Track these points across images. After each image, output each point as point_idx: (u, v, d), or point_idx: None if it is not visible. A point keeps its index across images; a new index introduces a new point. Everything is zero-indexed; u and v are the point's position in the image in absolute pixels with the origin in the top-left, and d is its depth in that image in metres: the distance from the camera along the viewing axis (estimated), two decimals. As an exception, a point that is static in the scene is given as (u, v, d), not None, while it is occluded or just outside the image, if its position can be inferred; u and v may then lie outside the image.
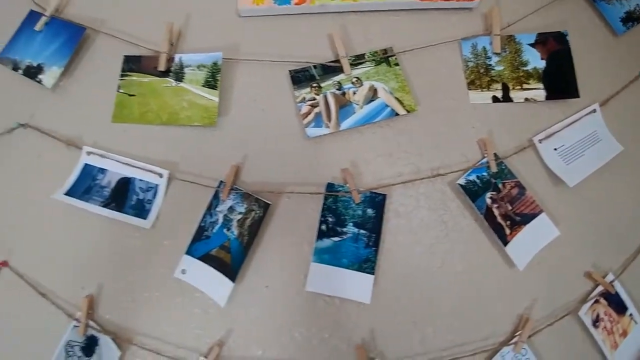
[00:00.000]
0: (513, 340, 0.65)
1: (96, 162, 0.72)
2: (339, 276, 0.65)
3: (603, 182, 0.72)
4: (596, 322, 0.69)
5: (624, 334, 0.70)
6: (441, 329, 0.65)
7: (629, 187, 0.74)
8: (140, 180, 0.71)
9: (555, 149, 0.72)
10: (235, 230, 0.67)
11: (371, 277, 0.65)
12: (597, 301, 0.69)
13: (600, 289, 0.69)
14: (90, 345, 0.67)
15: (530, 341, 0.65)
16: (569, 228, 0.69)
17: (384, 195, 0.67)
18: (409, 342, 0.65)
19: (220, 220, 0.68)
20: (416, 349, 0.65)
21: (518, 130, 0.72)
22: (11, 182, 0.72)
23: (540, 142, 0.72)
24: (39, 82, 0.72)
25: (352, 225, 0.67)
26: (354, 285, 0.65)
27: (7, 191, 0.72)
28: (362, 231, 0.67)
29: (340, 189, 0.67)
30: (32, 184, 0.72)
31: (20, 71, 0.72)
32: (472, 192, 0.68)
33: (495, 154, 0.69)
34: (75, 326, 0.66)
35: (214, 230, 0.68)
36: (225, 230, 0.67)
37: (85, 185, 0.71)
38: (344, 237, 0.66)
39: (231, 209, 0.68)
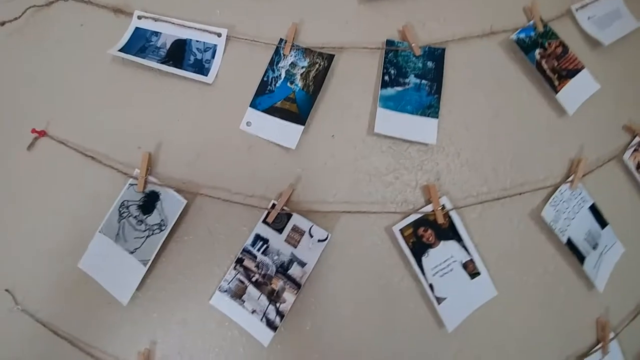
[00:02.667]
0: (570, 179, 0.68)
1: (148, 25, 0.70)
2: (405, 120, 0.66)
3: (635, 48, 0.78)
4: (638, 168, 0.74)
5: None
6: (502, 170, 0.68)
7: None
8: (197, 41, 0.70)
9: (588, 18, 0.79)
10: (299, 83, 0.67)
11: (435, 120, 0.67)
12: (636, 150, 0.74)
13: (638, 139, 0.74)
14: (149, 201, 0.64)
15: (584, 181, 0.70)
16: (608, 84, 0.74)
17: (443, 49, 0.69)
18: (473, 183, 0.67)
19: (283, 75, 0.68)
20: (480, 188, 0.67)
21: (559, 1, 0.78)
22: (52, 52, 0.70)
23: (577, 11, 0.78)
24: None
25: (414, 77, 0.69)
26: (420, 128, 0.66)
27: (49, 63, 0.69)
28: (423, 81, 0.69)
29: (400, 45, 0.70)
30: (75, 53, 0.69)
31: None
32: (524, 47, 0.71)
33: (540, 17, 0.74)
34: (131, 184, 0.64)
35: (277, 85, 0.68)
36: (288, 84, 0.68)
37: (139, 46, 0.69)
38: (407, 87, 0.68)
39: (293, 65, 0.68)
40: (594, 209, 0.69)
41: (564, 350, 0.69)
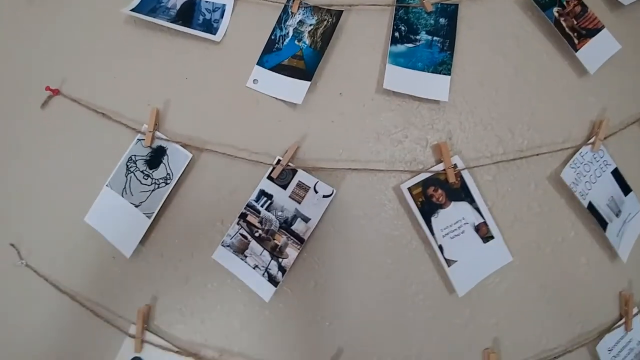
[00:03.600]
0: (591, 141, 0.64)
1: (159, -13, 0.71)
2: (415, 77, 0.64)
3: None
4: (666, 133, 0.69)
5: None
6: (518, 132, 0.65)
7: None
8: (206, 1, 0.69)
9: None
10: (307, 40, 0.66)
11: (448, 77, 0.64)
12: (665, 113, 0.70)
13: (667, 102, 0.70)
14: (156, 156, 0.64)
15: (606, 143, 0.66)
16: (628, 46, 0.70)
17: (456, 5, 0.67)
18: (487, 143, 0.64)
19: (291, 33, 0.67)
20: (494, 149, 0.64)
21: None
22: (66, 13, 0.71)
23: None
24: None
25: (425, 34, 0.67)
26: (431, 85, 0.64)
27: (62, 23, 0.71)
28: (435, 38, 0.66)
29: (411, 1, 0.68)
30: (89, 13, 0.70)
31: None
32: (541, 4, 0.68)
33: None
34: (139, 140, 0.64)
35: (285, 43, 0.67)
36: (296, 42, 0.67)
37: (151, 6, 0.69)
38: (418, 44, 0.66)
39: (301, 22, 0.67)
40: (616, 174, 0.65)
41: (585, 324, 0.64)
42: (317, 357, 0.60)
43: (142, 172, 0.64)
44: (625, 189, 0.66)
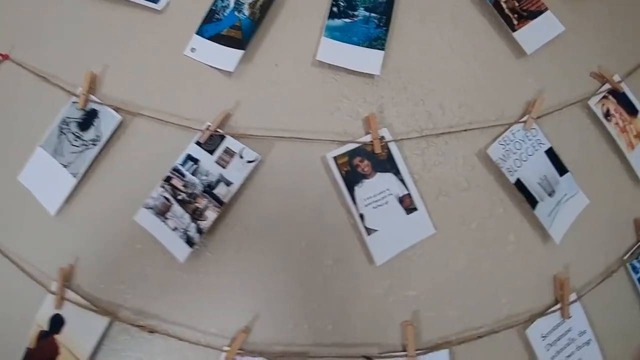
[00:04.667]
0: (523, 119, 0.64)
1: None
2: (350, 51, 0.64)
3: None
4: (607, 116, 0.68)
5: (639, 136, 0.70)
6: (449, 108, 0.65)
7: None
8: (149, -28, 0.72)
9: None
10: (246, 11, 0.67)
11: (381, 52, 0.65)
12: (605, 97, 0.69)
13: (607, 86, 0.69)
14: (88, 118, 0.65)
15: (541, 123, 0.65)
16: (578, 30, 0.70)
17: (395, -17, 0.68)
18: (417, 118, 0.64)
19: (232, 4, 0.68)
20: (424, 124, 0.64)
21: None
22: None
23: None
24: None
25: (363, 10, 0.67)
26: (365, 59, 0.64)
27: None
28: (372, 14, 0.67)
29: (352, -21, 0.69)
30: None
31: None
32: (481, -15, 0.69)
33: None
34: (74, 102, 0.65)
35: (226, 14, 0.68)
36: (236, 13, 0.68)
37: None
38: (355, 19, 0.67)
39: (243, -6, 0.69)
40: (551, 154, 0.64)
41: (513, 306, 0.63)
42: (233, 323, 0.59)
43: (73, 133, 0.65)
44: (561, 170, 0.65)
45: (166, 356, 0.60)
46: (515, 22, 0.68)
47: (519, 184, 0.61)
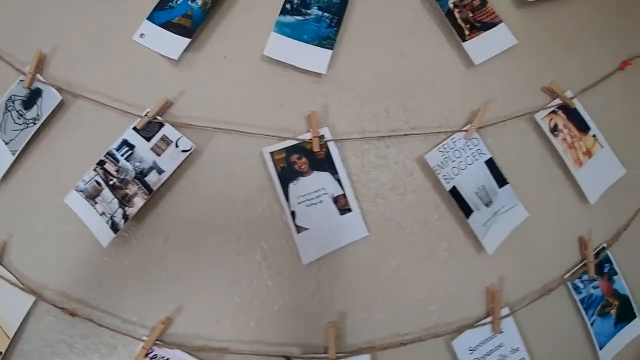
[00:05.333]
0: (465, 128, 0.64)
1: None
2: (298, 48, 0.65)
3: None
4: (554, 131, 0.68)
5: (588, 153, 0.70)
6: (394, 112, 0.65)
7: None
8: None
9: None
10: (199, 1, 0.67)
11: (329, 52, 0.64)
12: (554, 112, 0.69)
13: (558, 101, 0.69)
14: (32, 97, 0.65)
15: (484, 133, 0.65)
16: (531, 43, 0.70)
17: (350, -15, 0.68)
18: (361, 119, 0.64)
19: (187, -7, 0.69)
20: (367, 126, 0.64)
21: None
22: None
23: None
24: None
25: (317, 9, 0.67)
26: (312, 57, 0.64)
27: None
28: (325, 14, 0.67)
29: (309, -22, 0.69)
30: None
31: None
32: (436, -6, 0.70)
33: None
34: (21, 80, 0.65)
35: (179, 2, 0.68)
36: (189, 2, 0.68)
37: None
38: (307, 17, 0.67)
39: (199, -14, 0.69)
40: (491, 164, 0.64)
41: (442, 315, 0.62)
42: (155, 313, 0.59)
43: (17, 111, 0.65)
44: (501, 181, 0.65)
45: (85, 340, 0.59)
46: (467, 32, 0.68)
47: (455, 192, 0.61)
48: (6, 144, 0.63)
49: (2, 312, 0.62)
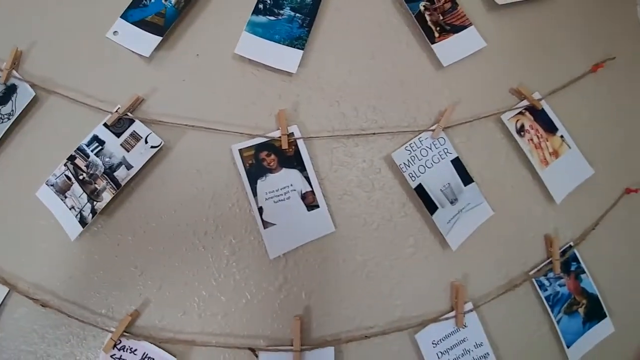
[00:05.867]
0: (432, 127, 0.65)
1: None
2: (269, 48, 0.66)
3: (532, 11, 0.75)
4: (521, 131, 0.70)
5: (555, 153, 0.72)
6: (363, 112, 0.66)
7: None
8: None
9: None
10: (173, 0, 0.68)
11: (300, 52, 0.66)
12: (521, 113, 0.71)
13: (525, 102, 0.71)
14: (7, 93, 0.66)
15: (451, 133, 0.66)
16: (497, 45, 0.72)
17: (322, -15, 0.69)
18: (331, 118, 0.65)
19: (161, -9, 0.69)
20: (337, 124, 0.65)
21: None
22: None
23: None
24: None
25: (289, 10, 0.69)
26: (283, 57, 0.65)
27: None
28: (297, 14, 0.68)
29: (282, -22, 0.70)
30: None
31: None
32: (408, -2, 0.71)
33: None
34: (-2, 77, 0.66)
35: (152, 0, 0.69)
36: (163, 1, 0.69)
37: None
38: (280, 17, 0.68)
39: (173, -15, 0.70)
40: (457, 163, 0.66)
41: (406, 309, 0.64)
42: (123, 305, 0.60)
43: (-7, 106, 0.65)
44: (467, 180, 0.67)
45: (56, 330, 0.60)
46: (437, 34, 0.70)
47: (420, 189, 0.63)
48: (-19, 139, 0.64)
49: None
